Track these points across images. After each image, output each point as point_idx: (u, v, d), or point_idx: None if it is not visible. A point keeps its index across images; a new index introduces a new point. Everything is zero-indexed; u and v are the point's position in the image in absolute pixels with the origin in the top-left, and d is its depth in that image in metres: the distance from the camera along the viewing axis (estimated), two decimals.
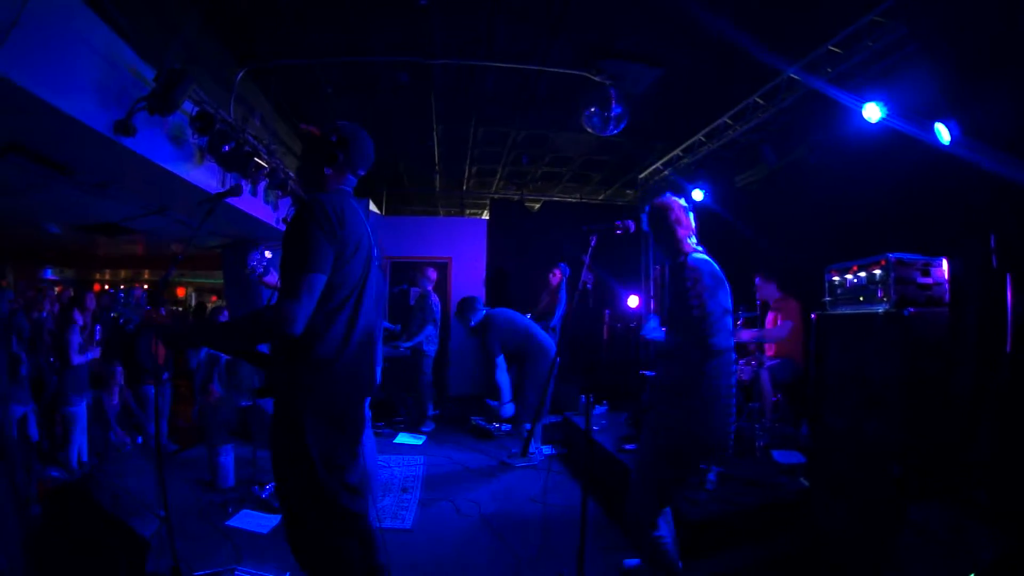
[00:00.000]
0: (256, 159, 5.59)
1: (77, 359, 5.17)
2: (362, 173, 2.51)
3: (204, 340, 2.38)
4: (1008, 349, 2.76)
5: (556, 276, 7.40)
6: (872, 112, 4.25)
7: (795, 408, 5.45)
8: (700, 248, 2.96)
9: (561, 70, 5.69)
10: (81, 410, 5.25)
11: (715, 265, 2.87)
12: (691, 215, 3.03)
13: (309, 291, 2.08)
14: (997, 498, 2.60)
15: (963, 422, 2.98)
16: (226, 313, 7.89)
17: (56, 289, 6.88)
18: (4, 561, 2.81)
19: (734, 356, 2.85)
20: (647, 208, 3.05)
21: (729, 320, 2.82)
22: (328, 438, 2.21)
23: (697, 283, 2.71)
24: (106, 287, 10.12)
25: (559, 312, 7.22)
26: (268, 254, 2.84)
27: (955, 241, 3.46)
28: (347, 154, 2.40)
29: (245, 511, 4.31)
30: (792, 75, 4.82)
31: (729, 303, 2.83)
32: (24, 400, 4.97)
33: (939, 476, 3.02)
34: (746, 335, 5.49)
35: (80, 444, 5.30)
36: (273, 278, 2.82)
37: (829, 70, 4.53)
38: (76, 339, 5.17)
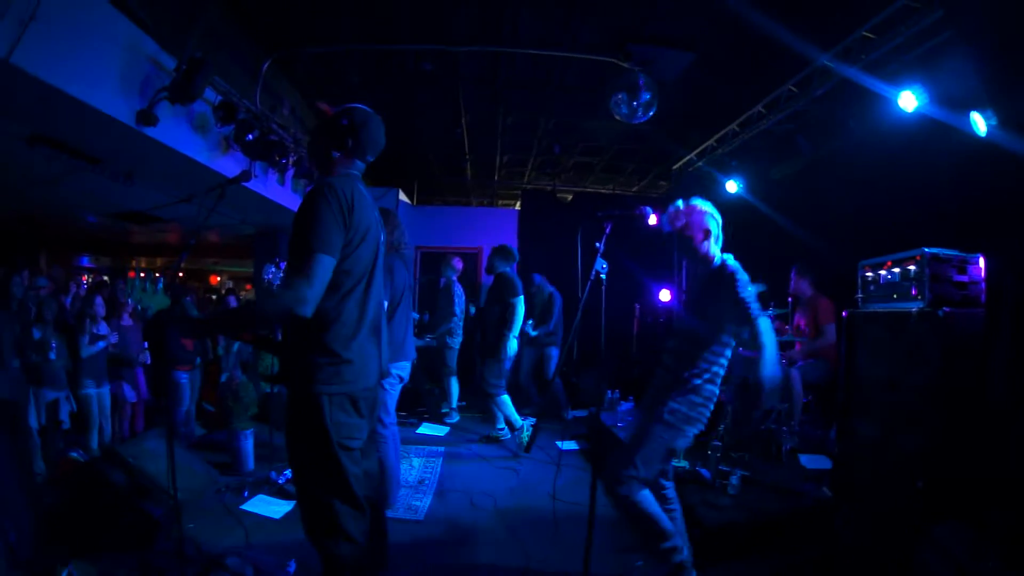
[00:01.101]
0: (282, 148, 5.61)
1: (87, 351, 5.25)
2: (371, 159, 2.47)
3: (219, 328, 2.38)
4: None
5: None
6: (908, 101, 4.06)
7: (825, 411, 5.25)
8: None
9: (589, 56, 5.56)
10: (96, 393, 5.34)
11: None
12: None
13: (320, 271, 2.08)
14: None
15: (996, 436, 2.78)
16: (232, 299, 7.98)
17: (83, 278, 6.98)
18: (13, 535, 2.87)
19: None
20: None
21: None
22: (343, 420, 2.23)
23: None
24: (141, 274, 10.34)
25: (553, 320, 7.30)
26: (283, 265, 2.84)
27: (993, 237, 3.25)
28: (356, 140, 2.37)
29: (261, 496, 4.34)
30: (826, 63, 4.61)
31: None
32: (59, 385, 5.07)
33: (968, 493, 2.83)
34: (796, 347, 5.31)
35: (103, 427, 5.40)
36: None
37: (863, 57, 4.32)
38: (85, 337, 5.25)
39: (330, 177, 2.28)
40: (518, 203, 11.33)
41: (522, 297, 5.98)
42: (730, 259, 2.91)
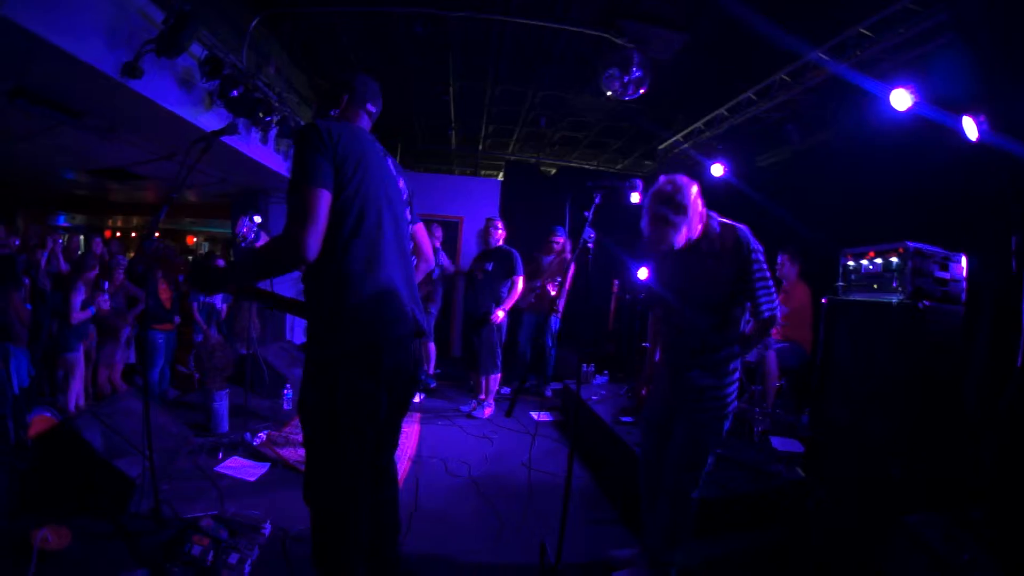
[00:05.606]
0: (267, 105, 5.48)
1: (77, 317, 5.15)
2: (373, 109, 2.39)
3: (233, 282, 2.16)
4: (1019, 363, 2.60)
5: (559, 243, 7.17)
6: (900, 99, 4.09)
7: (798, 395, 5.36)
8: None
9: (582, 29, 5.48)
10: (81, 356, 5.25)
11: None
12: None
13: (315, 207, 1.91)
14: (996, 520, 2.48)
15: (968, 432, 2.86)
16: (220, 262, 7.88)
17: (61, 239, 6.75)
18: None
19: None
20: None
21: None
22: (360, 384, 2.03)
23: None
24: (117, 234, 10.12)
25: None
26: (258, 219, 2.68)
27: (976, 239, 3.31)
28: (351, 92, 2.32)
29: (235, 458, 4.33)
30: (820, 55, 4.61)
31: None
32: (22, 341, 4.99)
33: (941, 484, 2.91)
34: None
35: (78, 391, 5.32)
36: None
37: (858, 53, 4.34)
38: (79, 300, 5.14)
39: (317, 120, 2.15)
40: (501, 174, 11.26)
41: None
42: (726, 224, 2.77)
